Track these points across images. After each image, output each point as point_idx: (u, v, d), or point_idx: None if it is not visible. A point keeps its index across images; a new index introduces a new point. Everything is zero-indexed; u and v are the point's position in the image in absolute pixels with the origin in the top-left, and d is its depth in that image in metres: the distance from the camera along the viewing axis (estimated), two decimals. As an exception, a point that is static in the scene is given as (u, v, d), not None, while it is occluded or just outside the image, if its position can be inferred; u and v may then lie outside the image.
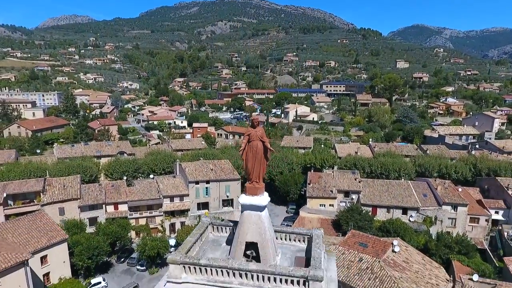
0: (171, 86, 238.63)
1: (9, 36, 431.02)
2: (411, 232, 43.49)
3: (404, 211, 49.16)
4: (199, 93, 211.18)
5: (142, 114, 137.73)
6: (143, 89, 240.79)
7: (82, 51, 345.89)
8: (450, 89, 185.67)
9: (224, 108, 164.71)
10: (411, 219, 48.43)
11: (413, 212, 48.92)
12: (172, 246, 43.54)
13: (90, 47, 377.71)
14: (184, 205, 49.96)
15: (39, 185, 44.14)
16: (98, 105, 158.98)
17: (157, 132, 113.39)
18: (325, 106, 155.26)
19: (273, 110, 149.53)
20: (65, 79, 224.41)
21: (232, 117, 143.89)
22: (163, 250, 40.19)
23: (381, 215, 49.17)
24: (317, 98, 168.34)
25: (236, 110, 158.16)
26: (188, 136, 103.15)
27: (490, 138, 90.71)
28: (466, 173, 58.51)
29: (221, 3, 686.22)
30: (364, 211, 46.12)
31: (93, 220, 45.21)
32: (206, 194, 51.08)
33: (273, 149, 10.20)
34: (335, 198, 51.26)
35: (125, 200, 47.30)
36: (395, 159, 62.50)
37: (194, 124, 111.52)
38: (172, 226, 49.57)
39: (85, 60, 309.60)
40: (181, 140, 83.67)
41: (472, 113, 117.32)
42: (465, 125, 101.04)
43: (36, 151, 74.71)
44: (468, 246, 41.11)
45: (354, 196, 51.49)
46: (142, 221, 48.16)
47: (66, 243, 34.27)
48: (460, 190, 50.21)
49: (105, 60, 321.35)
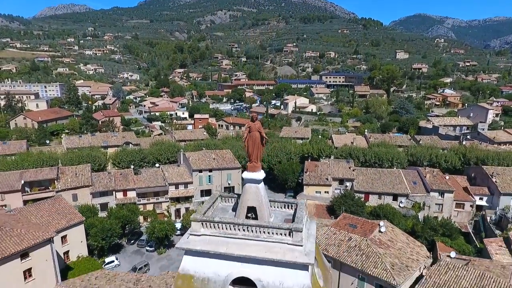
0: (171, 77, 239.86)
1: (7, 26, 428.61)
2: (400, 216, 46.86)
3: (395, 198, 52.48)
4: (200, 84, 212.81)
5: (144, 105, 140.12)
6: (144, 80, 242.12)
7: (82, 42, 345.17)
8: (448, 80, 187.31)
9: (225, 99, 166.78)
10: (401, 205, 51.78)
11: (403, 198, 52.25)
12: (179, 230, 46.99)
13: (89, 38, 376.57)
14: (188, 192, 53.27)
15: (53, 173, 47.31)
16: (100, 97, 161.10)
17: (159, 123, 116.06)
18: (324, 98, 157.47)
19: (273, 102, 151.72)
20: (66, 70, 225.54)
21: (233, 108, 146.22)
22: (171, 232, 43.65)
23: (373, 201, 52.50)
24: (316, 90, 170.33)
25: (237, 102, 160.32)
26: (190, 127, 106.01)
27: (483, 129, 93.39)
28: (455, 162, 61.59)
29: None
30: (357, 197, 49.39)
31: (104, 206, 48.55)
32: (209, 182, 54.30)
33: (268, 138, 13.20)
34: (330, 186, 54.51)
35: (133, 187, 50.55)
36: (389, 149, 65.52)
37: (196, 115, 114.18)
38: (178, 212, 52.96)
39: (85, 51, 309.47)
40: (184, 131, 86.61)
41: (467, 105, 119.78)
42: (460, 116, 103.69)
43: (46, 142, 77.65)
44: (452, 229, 44.54)
45: (348, 184, 54.72)
46: (150, 207, 51.52)
47: (83, 225, 37.62)
48: (448, 178, 53.41)
49: (105, 51, 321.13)
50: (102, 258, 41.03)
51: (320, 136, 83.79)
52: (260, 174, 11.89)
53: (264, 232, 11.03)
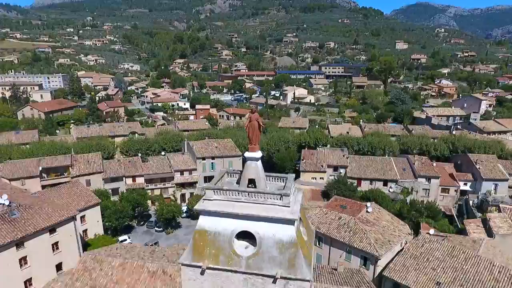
0: (172, 68, 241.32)
1: (5, 15, 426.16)
2: (388, 200, 50.77)
3: (385, 183, 56.31)
4: (200, 75, 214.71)
5: (146, 96, 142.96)
6: (144, 71, 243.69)
7: (81, 32, 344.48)
8: (446, 71, 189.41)
9: (225, 90, 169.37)
10: (391, 190, 55.67)
11: (393, 184, 56.10)
12: (184, 212, 51.07)
13: (88, 27, 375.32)
14: (193, 178, 57.16)
15: (68, 161, 51.02)
16: (102, 87, 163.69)
17: (162, 114, 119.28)
18: (322, 88, 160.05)
19: (272, 92, 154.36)
20: (67, 61, 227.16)
21: (233, 99, 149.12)
22: (178, 214, 47.68)
23: (365, 186, 56.37)
24: (315, 81, 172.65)
25: (237, 92, 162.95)
26: (191, 118, 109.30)
27: (476, 119, 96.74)
28: (444, 151, 65.23)
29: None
30: (349, 183, 53.25)
31: (115, 191, 52.44)
32: (212, 169, 58.07)
33: (264, 126, 16.75)
34: (325, 172, 58.30)
35: (142, 174, 54.34)
36: (382, 138, 69.05)
37: (197, 106, 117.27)
38: (183, 196, 56.91)
39: (84, 41, 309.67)
40: (187, 121, 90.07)
41: (462, 96, 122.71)
42: (454, 107, 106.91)
43: (56, 132, 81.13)
44: (435, 211, 48.50)
45: (342, 170, 58.49)
46: (157, 192, 55.43)
47: (99, 207, 41.51)
48: (435, 165, 57.17)
49: (104, 41, 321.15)
50: (116, 237, 45.07)
51: (317, 126, 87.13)
52: (258, 154, 15.54)
53: (261, 197, 14.65)
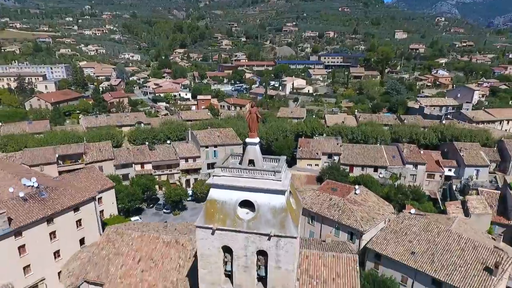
0: (172, 58, 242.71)
1: (2, 4, 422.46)
2: (377, 184, 55.15)
3: (375, 169, 60.60)
4: (200, 65, 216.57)
5: (148, 87, 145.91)
6: (145, 61, 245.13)
7: (80, 21, 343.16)
8: (443, 61, 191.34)
9: (225, 80, 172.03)
10: (380, 176, 60.01)
11: (382, 170, 60.40)
12: (190, 196, 55.56)
13: (87, 16, 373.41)
14: (197, 165, 61.45)
15: (81, 149, 55.13)
16: (104, 78, 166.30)
17: (164, 104, 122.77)
18: (321, 79, 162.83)
19: (272, 83, 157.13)
20: (68, 51, 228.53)
21: (233, 89, 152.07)
22: (184, 197, 52.15)
23: (357, 172, 60.66)
24: (314, 71, 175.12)
25: (237, 83, 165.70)
26: (193, 108, 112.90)
27: (468, 109, 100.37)
28: (433, 139, 69.29)
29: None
30: (342, 169, 57.51)
31: (126, 176, 56.69)
32: (215, 156, 62.26)
33: (262, 117, 20.80)
34: (320, 159, 62.50)
35: (150, 161, 58.57)
36: (374, 128, 72.95)
37: (198, 96, 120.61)
38: (188, 182, 61.32)
39: (84, 31, 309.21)
40: (190, 112, 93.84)
41: (455, 86, 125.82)
42: (447, 97, 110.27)
43: (65, 122, 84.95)
44: (420, 194, 52.92)
45: (336, 158, 62.70)
46: (163, 177, 59.77)
47: (114, 190, 45.85)
48: (422, 153, 61.35)
49: (104, 31, 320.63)
50: (128, 218, 49.62)
51: (314, 116, 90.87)
52: (256, 140, 19.64)
53: (259, 174, 18.75)
